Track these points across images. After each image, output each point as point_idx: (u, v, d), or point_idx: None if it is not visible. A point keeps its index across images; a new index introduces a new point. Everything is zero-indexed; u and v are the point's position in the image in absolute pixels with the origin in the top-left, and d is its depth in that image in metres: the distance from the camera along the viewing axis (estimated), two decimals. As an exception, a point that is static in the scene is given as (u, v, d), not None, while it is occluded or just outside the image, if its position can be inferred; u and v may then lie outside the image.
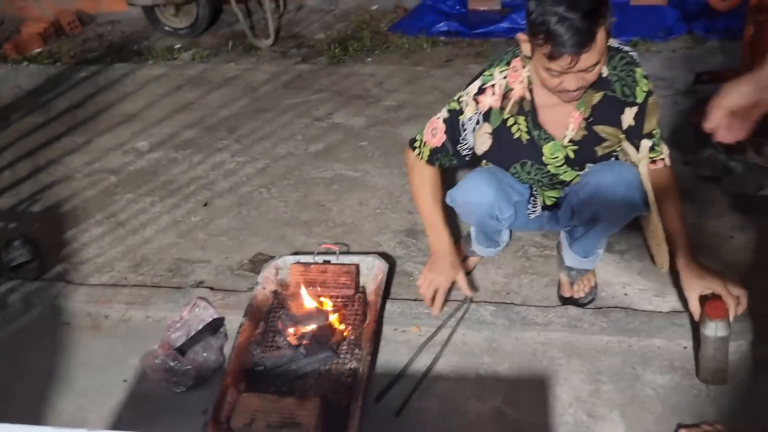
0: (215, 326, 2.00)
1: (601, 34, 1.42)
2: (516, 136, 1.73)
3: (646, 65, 1.72)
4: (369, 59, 3.67)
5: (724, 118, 1.24)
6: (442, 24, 3.87)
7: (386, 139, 2.90)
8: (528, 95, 1.68)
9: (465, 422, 1.70)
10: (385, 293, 2.05)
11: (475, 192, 1.79)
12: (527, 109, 1.69)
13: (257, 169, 2.80)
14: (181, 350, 1.91)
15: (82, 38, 4.39)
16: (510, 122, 1.72)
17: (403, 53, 3.70)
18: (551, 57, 1.43)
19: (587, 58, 1.43)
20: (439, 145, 1.81)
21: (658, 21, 3.63)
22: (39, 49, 4.23)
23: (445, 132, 1.79)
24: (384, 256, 2.18)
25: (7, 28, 4.60)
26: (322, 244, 2.14)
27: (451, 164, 1.86)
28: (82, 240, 2.50)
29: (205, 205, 2.62)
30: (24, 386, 1.93)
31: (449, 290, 1.95)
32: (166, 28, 4.16)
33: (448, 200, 1.87)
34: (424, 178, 1.87)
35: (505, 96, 1.69)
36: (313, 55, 3.80)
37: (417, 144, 1.86)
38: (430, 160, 1.85)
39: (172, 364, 1.86)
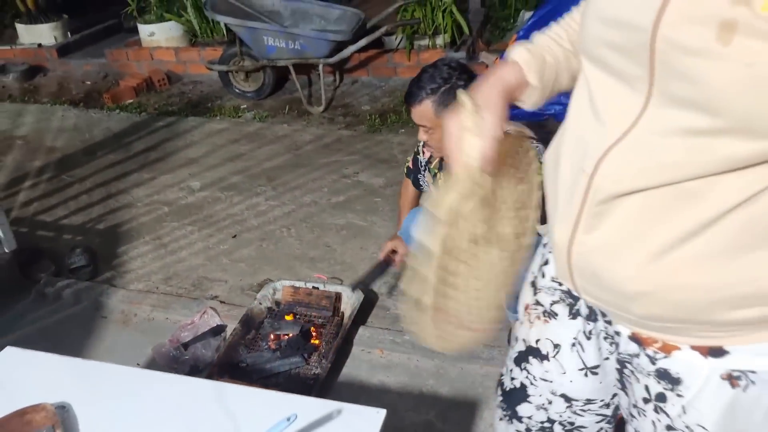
0: (217, 331, 2.42)
1: (425, 106, 1.89)
2: None
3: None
4: (402, 130, 4.14)
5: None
6: (473, 105, 4.32)
7: (398, 198, 3.31)
8: None
9: (400, 427, 2.02)
10: (360, 320, 2.42)
11: (415, 219, 2.24)
12: (445, 167, 2.12)
13: (284, 212, 3.27)
14: (186, 345, 2.34)
15: (167, 93, 5.12)
16: (437, 177, 2.18)
17: (433, 127, 4.15)
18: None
19: (415, 114, 1.93)
20: (411, 167, 2.37)
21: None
22: (131, 100, 4.98)
23: (412, 161, 2.35)
24: (369, 291, 2.57)
25: (109, 81, 5.41)
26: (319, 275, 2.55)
27: (418, 187, 2.37)
28: (130, 254, 3.02)
29: (234, 237, 3.09)
30: (61, 360, 2.39)
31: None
32: (237, 90, 4.82)
33: (401, 236, 2.28)
34: (402, 185, 2.47)
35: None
36: (356, 123, 4.32)
37: (406, 162, 2.43)
38: (407, 174, 2.41)
39: (175, 353, 2.29)
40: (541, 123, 3.19)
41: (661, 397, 0.91)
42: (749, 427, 0.85)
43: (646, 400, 0.93)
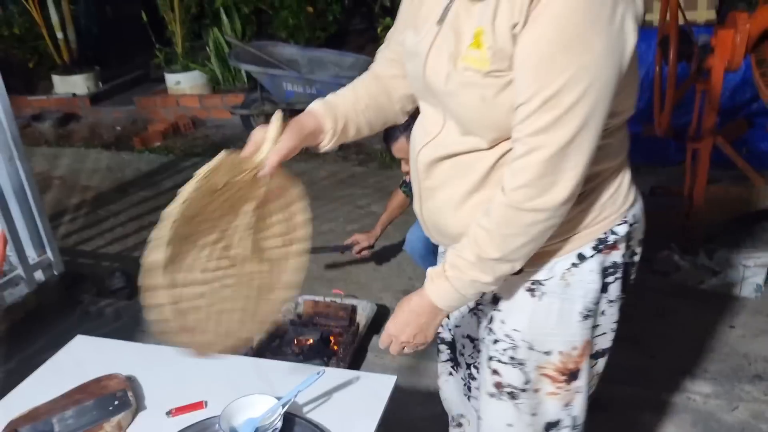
0: (245, 341, 2.69)
1: (401, 142, 2.23)
2: None
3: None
4: (411, 166, 4.46)
5: None
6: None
7: (406, 226, 3.59)
8: None
9: (409, 419, 2.26)
10: (374, 329, 2.68)
11: (415, 230, 2.62)
12: None
13: (303, 240, 3.56)
14: (218, 352, 2.60)
15: (192, 137, 5.49)
16: None
17: (439, 163, 4.48)
18: None
19: (393, 150, 2.28)
20: (408, 181, 2.66)
21: (661, 150, 4.23)
22: (158, 143, 5.35)
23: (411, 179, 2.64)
24: (381, 306, 2.83)
25: (138, 126, 5.81)
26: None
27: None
28: (164, 278, 3.30)
29: (258, 261, 3.38)
30: (106, 368, 2.66)
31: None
32: (257, 132, 5.18)
33: (406, 249, 2.62)
34: (393, 192, 2.87)
35: None
36: (368, 161, 4.65)
37: (405, 177, 2.73)
38: (401, 186, 2.76)
39: (209, 359, 2.55)
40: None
41: (491, 319, 1.29)
42: (548, 329, 1.21)
43: (488, 331, 1.29)
